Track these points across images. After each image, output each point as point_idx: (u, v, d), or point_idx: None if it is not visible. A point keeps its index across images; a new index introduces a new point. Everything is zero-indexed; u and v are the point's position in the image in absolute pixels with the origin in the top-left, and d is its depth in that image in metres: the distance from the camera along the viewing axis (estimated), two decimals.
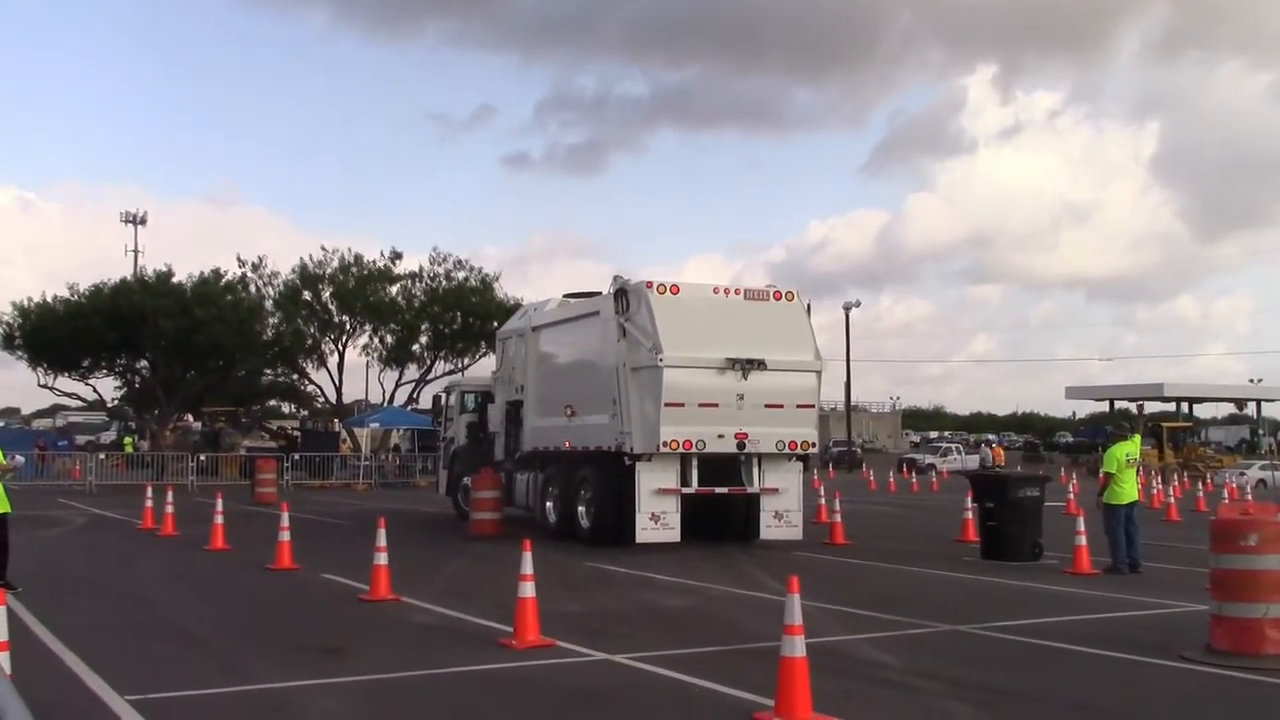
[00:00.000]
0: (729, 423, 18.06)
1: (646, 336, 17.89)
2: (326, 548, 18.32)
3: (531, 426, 21.55)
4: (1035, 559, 16.84)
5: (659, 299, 18.07)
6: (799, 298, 19.37)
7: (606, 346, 18.92)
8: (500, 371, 23.72)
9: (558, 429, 20.42)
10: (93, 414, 66.85)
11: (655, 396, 17.71)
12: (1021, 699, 8.25)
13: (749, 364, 17.99)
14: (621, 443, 18.10)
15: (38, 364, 46.64)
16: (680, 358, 17.70)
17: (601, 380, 18.97)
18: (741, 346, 18.07)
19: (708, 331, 18.15)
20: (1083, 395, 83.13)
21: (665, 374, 17.58)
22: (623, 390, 18.14)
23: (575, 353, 20.82)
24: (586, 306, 20.58)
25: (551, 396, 21.05)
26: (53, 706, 7.41)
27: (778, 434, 18.41)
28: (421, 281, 49.52)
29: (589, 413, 19.32)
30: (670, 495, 18.02)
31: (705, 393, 17.93)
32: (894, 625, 11.32)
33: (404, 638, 10.52)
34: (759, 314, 18.78)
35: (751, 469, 18.61)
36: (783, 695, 7.28)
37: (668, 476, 18.06)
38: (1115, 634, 10.92)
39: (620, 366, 18.28)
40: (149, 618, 11.89)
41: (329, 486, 38.92)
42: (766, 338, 18.40)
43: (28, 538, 17.78)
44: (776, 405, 18.32)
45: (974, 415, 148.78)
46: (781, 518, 18.79)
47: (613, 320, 18.58)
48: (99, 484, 37.04)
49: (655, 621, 11.63)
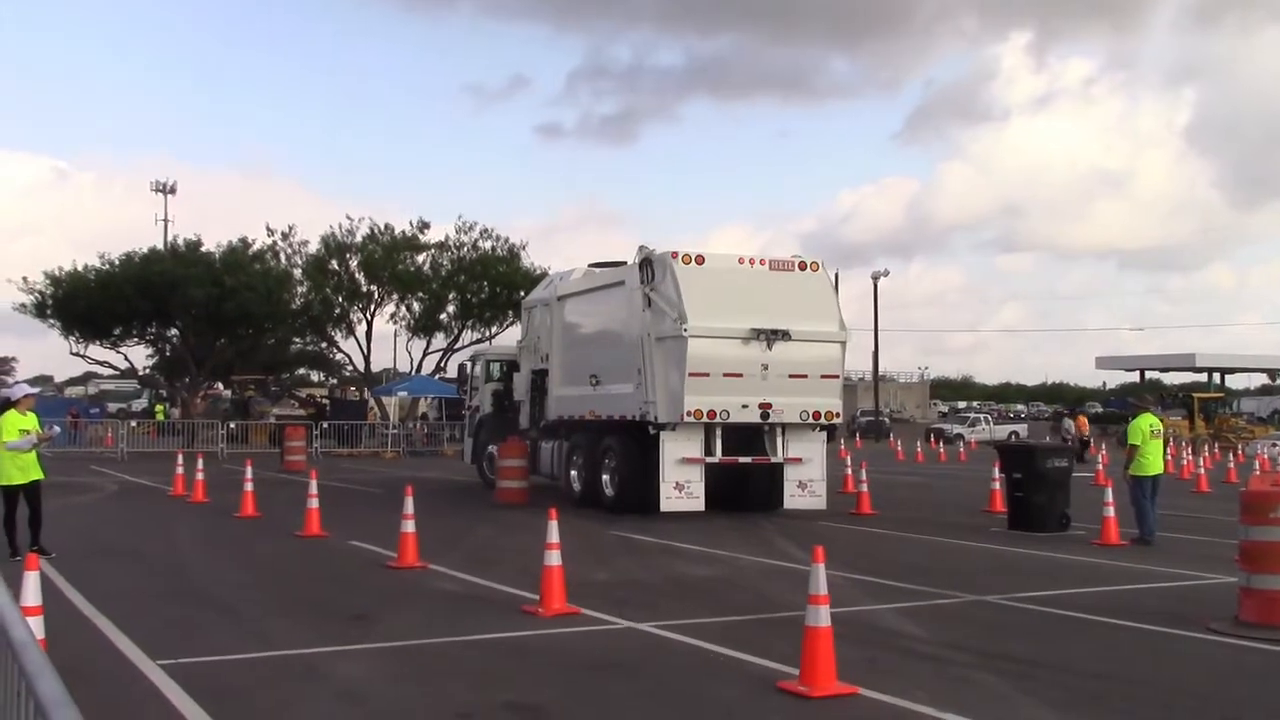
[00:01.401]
0: (753, 393, 18.09)
1: (671, 306, 17.93)
2: (354, 515, 18.45)
3: (556, 395, 21.61)
4: (1063, 530, 16.78)
5: (684, 269, 18.08)
6: (824, 269, 19.37)
7: (631, 316, 18.98)
8: (525, 340, 23.81)
9: (582, 398, 20.48)
10: (125, 382, 67.39)
11: (680, 366, 17.76)
12: (1048, 669, 8.23)
13: (773, 334, 18.07)
14: (646, 412, 18.16)
15: (70, 332, 46.99)
16: (705, 328, 17.73)
17: (626, 350, 19.05)
18: (766, 317, 18.12)
19: (732, 302, 18.17)
20: (1113, 365, 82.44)
21: (690, 344, 17.62)
22: (647, 360, 18.22)
23: (600, 322, 20.95)
24: (612, 276, 20.64)
25: (576, 366, 21.12)
26: (85, 670, 7.51)
27: (802, 404, 18.43)
28: (448, 251, 49.59)
29: (613, 382, 19.42)
30: (694, 465, 18.11)
31: (730, 363, 17.98)
32: (919, 595, 11.31)
33: (431, 605, 10.60)
34: (784, 284, 18.76)
35: (775, 439, 18.65)
36: (807, 664, 7.29)
37: (692, 446, 18.12)
38: (1143, 605, 10.88)
39: (645, 336, 18.35)
40: (180, 583, 12.02)
41: (357, 454, 39.16)
42: (791, 308, 18.44)
43: (61, 504, 17.99)
44: (800, 376, 18.36)
45: (1003, 385, 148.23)
46: (805, 487, 18.84)
47: (638, 290, 18.63)
48: (130, 451, 37.41)
49: (680, 590, 11.67)
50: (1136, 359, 76.35)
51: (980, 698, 7.36)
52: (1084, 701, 7.37)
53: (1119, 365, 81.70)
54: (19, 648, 2.77)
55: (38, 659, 2.64)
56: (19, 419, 13.23)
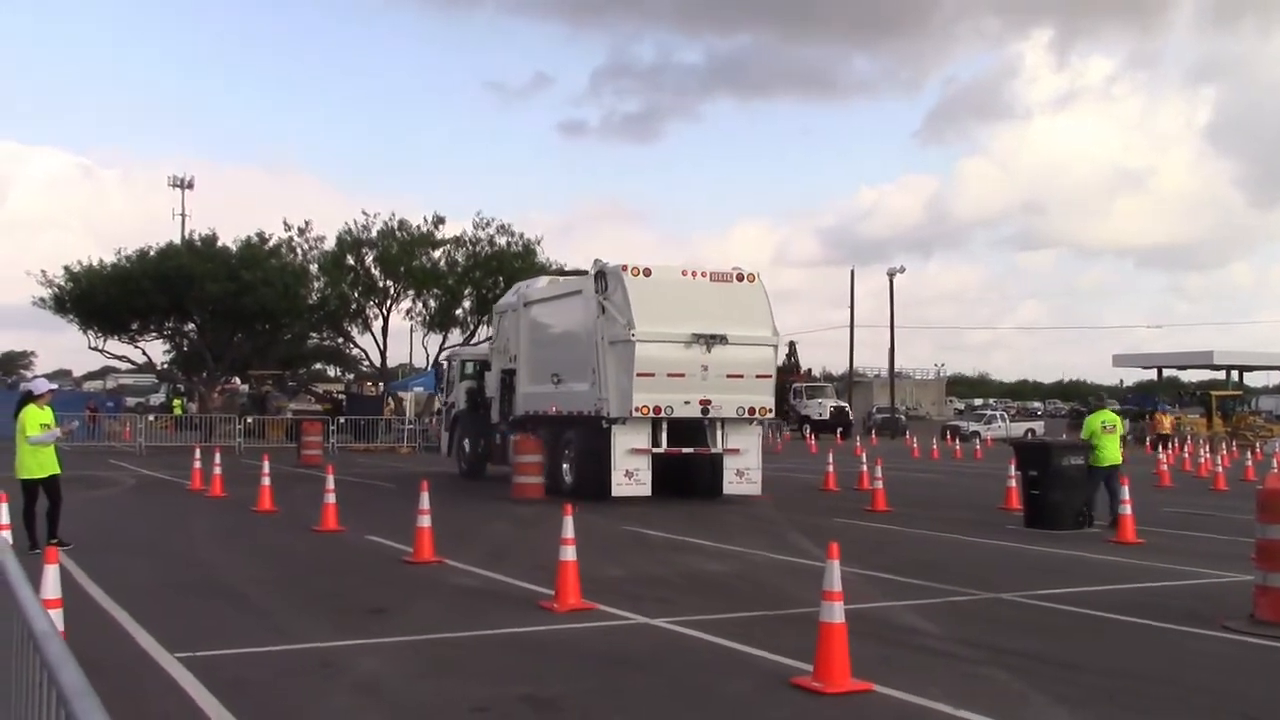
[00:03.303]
0: (694, 391, 20.01)
1: (622, 314, 19.79)
2: (371, 510, 18.52)
3: (523, 393, 23.47)
4: (1079, 528, 16.73)
5: (633, 280, 19.97)
6: (759, 279, 21.12)
7: (588, 322, 20.87)
8: (496, 342, 25.91)
9: (546, 395, 22.34)
10: (143, 377, 67.75)
11: (629, 367, 19.65)
12: (1063, 667, 8.22)
13: (712, 339, 20.02)
14: (600, 408, 20.03)
15: (88, 327, 47.21)
16: (651, 333, 19.71)
17: (583, 352, 20.95)
18: (706, 323, 20.05)
19: (676, 310, 20.07)
20: (1130, 363, 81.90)
21: (637, 347, 19.59)
22: (601, 361, 20.10)
23: (561, 326, 22.88)
24: (571, 285, 22.78)
25: (540, 366, 23.03)
26: (104, 663, 7.56)
27: (738, 401, 20.35)
28: (464, 246, 49.65)
29: (572, 381, 21.32)
30: (642, 455, 20.02)
31: (673, 364, 19.91)
32: (935, 592, 11.31)
33: (447, 599, 10.64)
34: (723, 294, 20.68)
35: (715, 432, 20.52)
36: (821, 661, 7.30)
37: (640, 438, 20.02)
38: (1158, 603, 10.85)
39: (599, 340, 20.20)
40: (198, 577, 12.09)
41: (373, 450, 39.29)
42: (729, 316, 20.37)
43: (79, 498, 18.11)
44: (737, 375, 20.31)
45: (1020, 382, 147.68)
46: (743, 475, 20.75)
47: (593, 299, 20.48)
48: (148, 446, 37.59)
49: (695, 586, 11.68)
50: (1154, 356, 75.88)
51: (995, 695, 7.36)
52: (1099, 699, 7.36)
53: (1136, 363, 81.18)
54: (41, 639, 2.80)
55: (59, 650, 2.67)
56: (39, 413, 13.32)
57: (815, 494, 23.62)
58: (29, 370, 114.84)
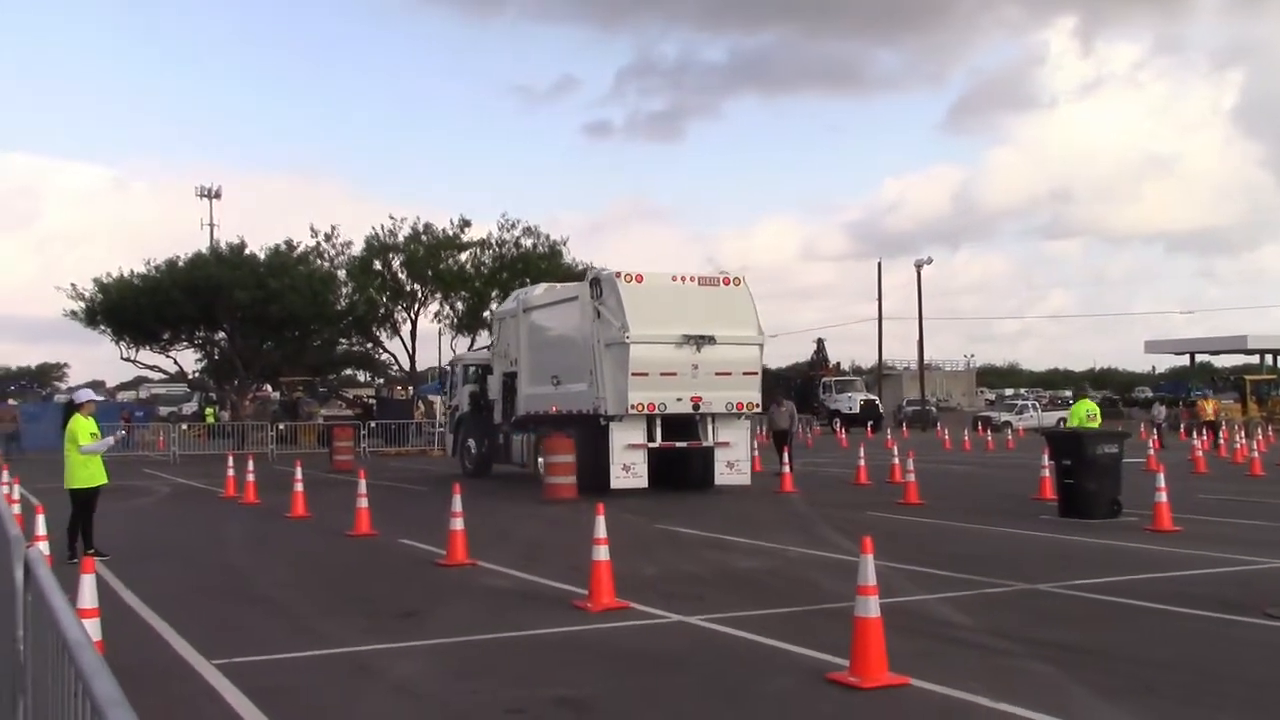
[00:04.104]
0: (686, 388, 21.25)
1: (616, 318, 21.02)
2: (403, 514, 18.59)
3: (524, 394, 24.67)
4: (1114, 516, 16.60)
5: (626, 286, 21.25)
6: (745, 283, 22.40)
7: (584, 326, 22.07)
8: (497, 347, 27.00)
9: (546, 395, 23.58)
10: (175, 386, 68.21)
11: (624, 367, 20.85)
12: (1101, 658, 8.14)
13: (702, 339, 21.26)
14: (597, 406, 21.25)
15: (120, 338, 47.58)
16: (644, 335, 20.90)
17: (581, 354, 22.15)
18: (696, 325, 21.28)
19: (667, 313, 21.25)
20: (1162, 349, 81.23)
21: (632, 349, 20.79)
22: (598, 362, 21.34)
23: (559, 331, 23.97)
24: (568, 291, 24.00)
25: (540, 368, 24.22)
26: (141, 671, 7.61)
27: (727, 397, 21.61)
28: (490, 249, 49.76)
29: (571, 381, 22.48)
30: (638, 449, 21.20)
31: (666, 364, 21.13)
32: (969, 585, 11.24)
33: (480, 601, 10.65)
34: (710, 297, 21.89)
35: (706, 426, 21.86)
36: (857, 655, 7.27)
37: (636, 434, 21.19)
38: (1197, 591, 10.75)
39: (596, 343, 21.43)
40: (233, 584, 12.15)
41: (405, 453, 39.42)
42: (717, 317, 21.59)
43: (115, 507, 18.24)
44: (725, 373, 21.57)
45: (1050, 371, 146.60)
46: (733, 466, 22.07)
47: (589, 304, 21.73)
48: (182, 454, 37.88)
49: (728, 583, 11.66)
50: (1186, 342, 75.18)
51: (1033, 687, 7.30)
52: (1138, 690, 7.29)
53: (1169, 349, 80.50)
54: (75, 649, 2.81)
55: (93, 660, 2.67)
56: (87, 422, 13.41)
57: (847, 488, 23.54)
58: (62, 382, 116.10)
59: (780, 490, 22.05)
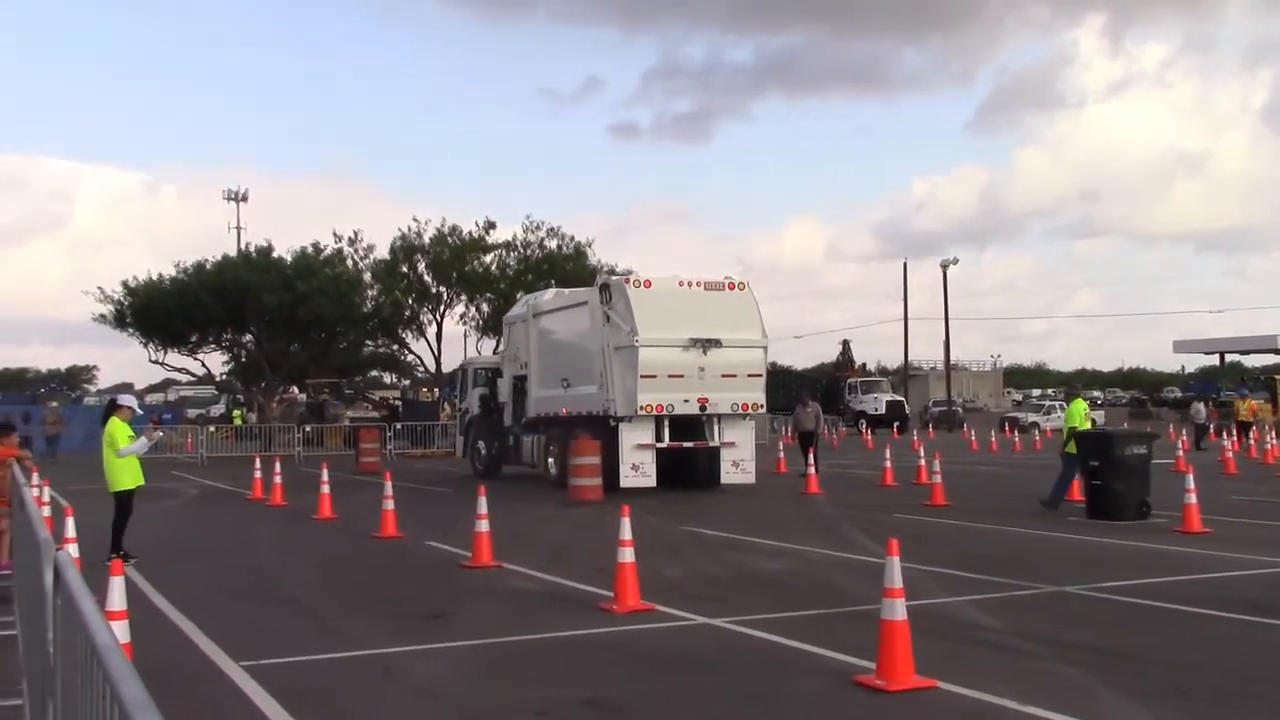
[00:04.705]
0: (693, 390, 21.78)
1: (625, 322, 21.55)
2: (429, 516, 18.63)
3: (534, 397, 25.17)
4: (1143, 518, 16.48)
5: (634, 291, 21.83)
6: (749, 287, 22.97)
7: (594, 330, 22.54)
8: (507, 351, 27.73)
9: (556, 398, 24.09)
10: (203, 388, 68.65)
11: (633, 370, 21.38)
12: (1131, 661, 8.07)
13: (708, 343, 21.80)
14: (607, 408, 21.74)
15: (148, 340, 47.88)
16: (652, 339, 21.42)
17: (590, 357, 22.62)
18: (702, 329, 21.82)
19: (674, 317, 21.77)
20: (1191, 349, 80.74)
21: (640, 352, 21.31)
22: (607, 365, 21.77)
23: (569, 335, 24.38)
24: (577, 297, 24.56)
25: (550, 371, 24.71)
26: (169, 672, 7.66)
27: (732, 398, 22.14)
28: (515, 251, 49.84)
29: (581, 384, 22.95)
30: (647, 449, 21.71)
31: (673, 366, 21.63)
32: (997, 587, 11.17)
33: (506, 603, 10.66)
34: (716, 302, 22.41)
35: (712, 427, 22.36)
36: (884, 658, 7.23)
37: (645, 434, 21.70)
38: (1228, 594, 10.65)
39: (605, 346, 21.91)
40: (260, 585, 12.21)
41: (430, 455, 39.52)
42: (722, 321, 22.13)
43: (144, 509, 18.30)
44: (731, 375, 22.08)
45: (1078, 372, 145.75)
46: (738, 466, 22.57)
47: (598, 309, 22.24)
48: (209, 456, 38.10)
49: (754, 585, 11.63)
50: (1216, 341, 74.63)
51: (1062, 690, 7.24)
52: (1169, 693, 7.22)
53: (1198, 349, 79.99)
54: (103, 652, 2.82)
55: (121, 664, 2.68)
56: (125, 425, 13.56)
57: (873, 489, 23.46)
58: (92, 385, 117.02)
59: (805, 492, 22.00)
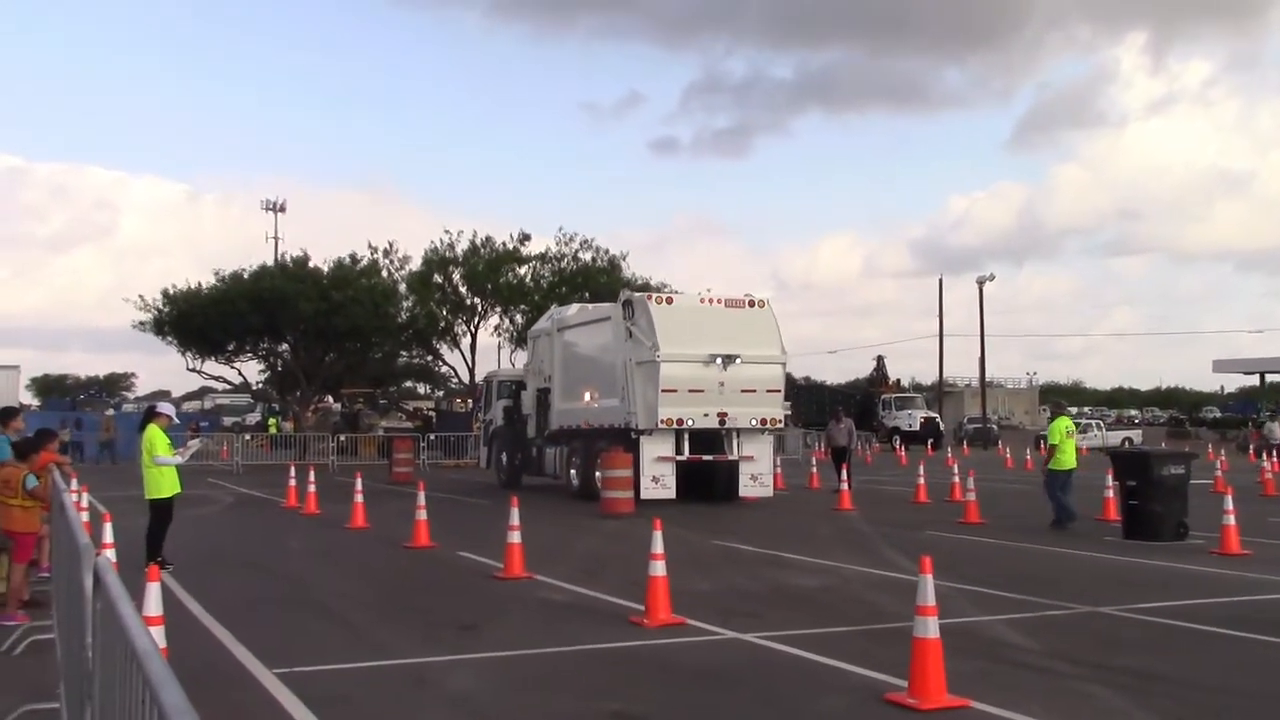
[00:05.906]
0: (713, 404, 22.16)
1: (647, 337, 22.05)
2: (461, 526, 18.68)
3: (557, 409, 25.76)
4: (1180, 539, 16.30)
5: (657, 308, 22.44)
6: (769, 305, 23.47)
7: (617, 345, 23.13)
8: (531, 364, 28.37)
9: (579, 411, 24.61)
10: (239, 396, 69.16)
11: (654, 384, 21.86)
12: (1167, 683, 7.99)
13: (728, 358, 22.24)
14: (629, 421, 22.25)
15: (186, 349, 48.29)
16: (674, 354, 21.90)
17: (613, 371, 23.19)
18: (722, 345, 22.26)
19: (695, 333, 22.28)
20: (1231, 369, 79.77)
21: (662, 367, 21.77)
22: (629, 380, 22.33)
23: (592, 349, 25.02)
24: (600, 312, 25.14)
25: (573, 384, 25.31)
26: (203, 678, 7.71)
27: (752, 413, 22.54)
28: (549, 263, 49.99)
29: (603, 397, 23.57)
30: (667, 462, 22.14)
31: (694, 381, 22.10)
32: (1031, 606, 11.08)
33: (537, 615, 10.68)
34: (736, 318, 22.89)
35: (732, 441, 22.78)
36: (916, 676, 7.19)
37: (665, 447, 22.17)
38: (1266, 616, 10.51)
39: (627, 361, 22.44)
40: (293, 594, 12.29)
41: (464, 466, 39.62)
42: (742, 337, 22.55)
43: (180, 516, 18.45)
44: (750, 390, 22.51)
45: (1115, 390, 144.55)
46: (757, 479, 23.05)
47: (621, 324, 22.81)
48: (245, 464, 38.36)
49: (786, 601, 11.59)
50: (1256, 361, 73.70)
51: (1096, 711, 7.18)
52: (1206, 716, 7.15)
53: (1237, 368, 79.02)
54: (143, 657, 2.85)
55: (160, 669, 2.71)
56: (163, 434, 13.65)
57: (906, 506, 23.32)
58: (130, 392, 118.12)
59: (838, 507, 21.91)
